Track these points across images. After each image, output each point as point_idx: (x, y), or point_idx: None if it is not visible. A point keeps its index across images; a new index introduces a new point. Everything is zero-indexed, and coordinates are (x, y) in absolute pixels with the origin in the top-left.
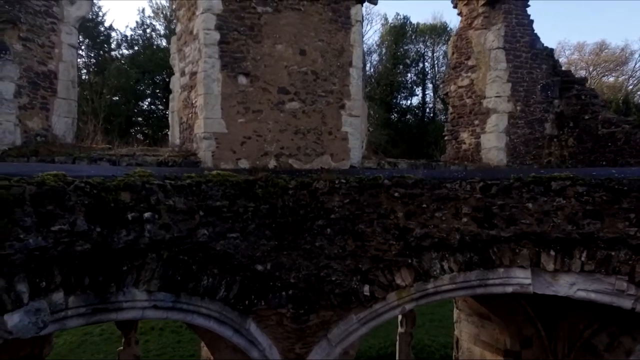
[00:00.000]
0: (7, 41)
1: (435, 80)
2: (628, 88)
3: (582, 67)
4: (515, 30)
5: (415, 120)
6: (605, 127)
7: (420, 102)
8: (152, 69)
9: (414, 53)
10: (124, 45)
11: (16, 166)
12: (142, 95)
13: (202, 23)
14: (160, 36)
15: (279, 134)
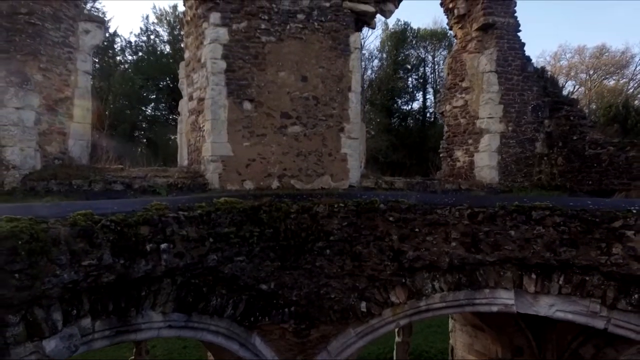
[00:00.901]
0: (29, 72)
1: (436, 84)
2: (629, 91)
3: (583, 70)
4: (507, 54)
5: (416, 125)
6: (592, 148)
7: (421, 107)
8: (156, 75)
9: (415, 58)
10: (128, 51)
11: (49, 207)
12: (146, 100)
13: (209, 52)
14: (164, 42)
15: (282, 156)
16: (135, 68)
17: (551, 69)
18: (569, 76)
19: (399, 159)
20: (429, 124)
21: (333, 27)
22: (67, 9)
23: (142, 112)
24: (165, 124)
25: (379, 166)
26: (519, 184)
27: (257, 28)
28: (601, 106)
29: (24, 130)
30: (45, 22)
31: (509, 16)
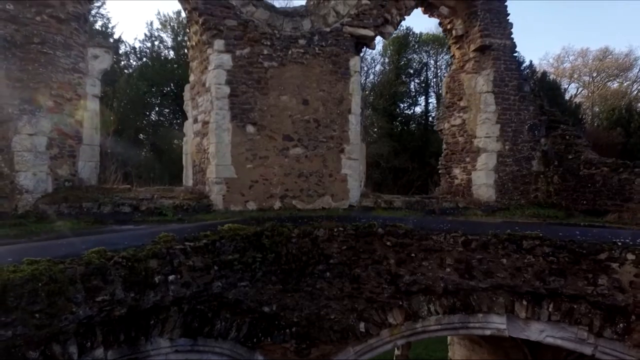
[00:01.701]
0: (41, 99)
1: (438, 89)
2: (632, 94)
3: (586, 73)
4: (504, 75)
5: (418, 129)
6: (586, 168)
7: (423, 111)
8: (161, 81)
9: (417, 63)
10: (132, 57)
11: (64, 245)
12: (150, 105)
13: (214, 78)
14: (168, 48)
15: (284, 177)
16: (140, 74)
17: (554, 71)
18: (572, 78)
19: (401, 163)
20: (431, 127)
21: (333, 52)
22: (77, 37)
23: (147, 118)
24: (169, 129)
25: (381, 171)
26: (516, 202)
27: (259, 54)
28: (604, 109)
29: (37, 155)
30: (56, 50)
31: (505, 38)
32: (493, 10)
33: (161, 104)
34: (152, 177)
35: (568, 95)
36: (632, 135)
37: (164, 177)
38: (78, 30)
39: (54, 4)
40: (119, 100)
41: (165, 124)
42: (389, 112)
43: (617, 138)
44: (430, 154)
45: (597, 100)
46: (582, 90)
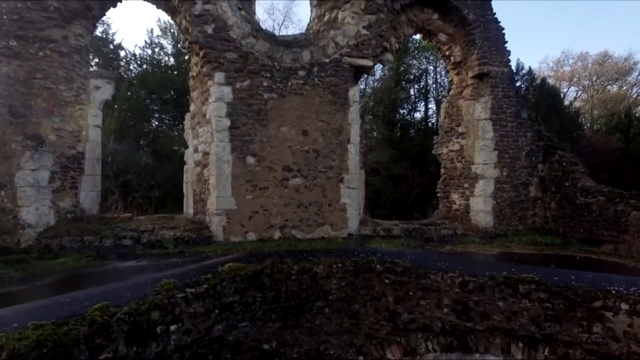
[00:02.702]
0: (43, 133)
1: (438, 95)
2: (631, 98)
3: (585, 77)
4: (502, 102)
5: (418, 135)
6: (583, 196)
7: (422, 117)
8: (161, 89)
9: (416, 69)
10: (133, 64)
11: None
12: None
13: (214, 110)
14: (168, 55)
15: (283, 207)
16: (140, 81)
17: (554, 74)
18: (571, 82)
19: (401, 171)
20: (431, 133)
21: (333, 82)
22: (79, 69)
23: (147, 125)
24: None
25: (381, 178)
26: (514, 228)
27: (259, 86)
28: (604, 114)
29: (39, 190)
30: (59, 84)
31: (503, 65)
32: (491, 38)
33: (161, 110)
34: (152, 184)
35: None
36: (631, 141)
37: (164, 184)
38: (80, 63)
39: (56, 38)
40: (119, 107)
41: (166, 131)
42: (389, 119)
43: (616, 143)
44: (429, 161)
45: (596, 104)
46: (581, 94)
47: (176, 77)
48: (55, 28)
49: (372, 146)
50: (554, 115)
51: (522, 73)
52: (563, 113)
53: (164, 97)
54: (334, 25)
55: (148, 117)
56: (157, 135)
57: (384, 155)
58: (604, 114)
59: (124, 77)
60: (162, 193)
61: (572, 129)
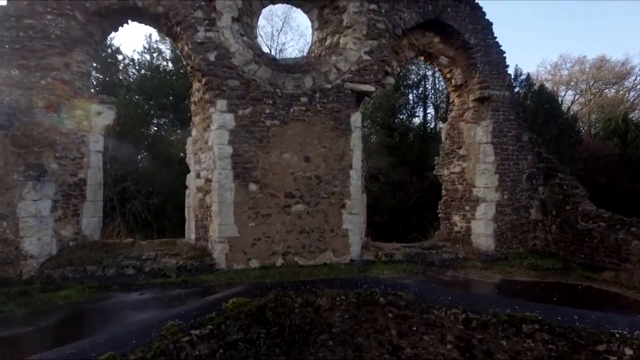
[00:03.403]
0: (45, 162)
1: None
2: (628, 102)
3: (583, 80)
4: (503, 126)
5: (417, 140)
6: (584, 221)
7: (421, 122)
8: (160, 95)
9: (415, 75)
10: (131, 69)
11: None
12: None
13: (216, 138)
14: (167, 60)
15: (286, 234)
16: (139, 87)
17: (551, 78)
18: (569, 85)
19: (400, 178)
20: (430, 138)
21: (335, 108)
22: (80, 96)
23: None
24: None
25: (380, 184)
26: (515, 250)
27: (262, 112)
28: (601, 118)
29: (41, 220)
30: (60, 112)
31: (504, 89)
32: (492, 62)
33: (160, 115)
34: (151, 190)
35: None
36: (628, 146)
37: (163, 190)
38: (82, 89)
39: (58, 66)
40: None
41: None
42: (388, 125)
43: (614, 149)
44: (429, 167)
45: (594, 109)
46: (579, 98)
47: (175, 83)
48: (57, 56)
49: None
50: (552, 121)
51: (520, 79)
52: (561, 119)
53: (163, 102)
54: (336, 50)
55: (147, 123)
56: (156, 141)
57: (383, 162)
58: (601, 118)
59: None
60: (161, 200)
61: (570, 134)
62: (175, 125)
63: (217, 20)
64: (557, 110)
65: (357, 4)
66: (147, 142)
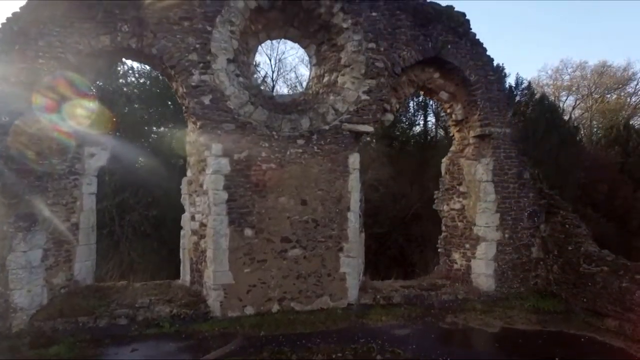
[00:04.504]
0: (36, 211)
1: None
2: (632, 104)
3: (585, 86)
4: (504, 164)
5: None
6: (586, 263)
7: (422, 130)
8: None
9: None
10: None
11: None
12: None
13: (211, 183)
14: None
15: (282, 279)
16: (138, 97)
17: (552, 84)
18: (570, 91)
19: (400, 189)
20: (431, 147)
21: (332, 150)
22: (74, 137)
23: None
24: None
25: (380, 195)
26: (516, 290)
27: (257, 156)
28: (603, 125)
29: (31, 271)
30: (52, 158)
31: (505, 126)
32: (492, 99)
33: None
34: (150, 201)
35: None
36: (630, 155)
37: (162, 201)
38: (75, 131)
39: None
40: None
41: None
42: (388, 134)
43: (616, 157)
44: (429, 177)
45: (595, 115)
46: (580, 103)
47: (175, 92)
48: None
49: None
50: (554, 131)
51: (521, 87)
52: (562, 129)
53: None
54: (334, 89)
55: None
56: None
57: (382, 172)
58: (603, 125)
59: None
60: (160, 212)
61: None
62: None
63: (212, 62)
64: (559, 119)
65: (355, 43)
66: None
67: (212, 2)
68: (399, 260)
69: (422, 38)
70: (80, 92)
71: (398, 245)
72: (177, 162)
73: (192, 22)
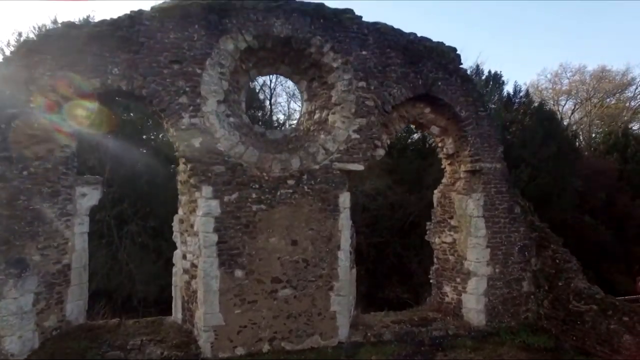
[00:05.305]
0: (27, 255)
1: None
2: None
3: (584, 90)
4: (494, 199)
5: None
6: (576, 300)
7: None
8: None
9: None
10: None
11: None
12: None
13: (202, 225)
14: None
15: (272, 319)
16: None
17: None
18: (570, 95)
19: (398, 198)
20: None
21: (322, 189)
22: (64, 180)
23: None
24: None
25: (378, 205)
26: (506, 324)
27: (248, 197)
28: (601, 131)
29: (23, 317)
30: (44, 202)
31: (495, 161)
32: (483, 135)
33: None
34: (148, 210)
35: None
36: (629, 161)
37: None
38: (66, 174)
39: (41, 155)
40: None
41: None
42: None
43: (614, 164)
44: (427, 185)
45: (594, 120)
46: (578, 107)
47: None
48: (40, 144)
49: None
50: (551, 140)
51: (519, 96)
52: (560, 137)
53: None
54: (324, 128)
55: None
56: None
57: (380, 182)
58: (601, 131)
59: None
60: (159, 223)
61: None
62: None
63: (202, 105)
64: (557, 128)
65: (345, 82)
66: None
67: (201, 45)
68: (397, 268)
69: (412, 75)
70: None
71: (396, 254)
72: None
73: (182, 65)
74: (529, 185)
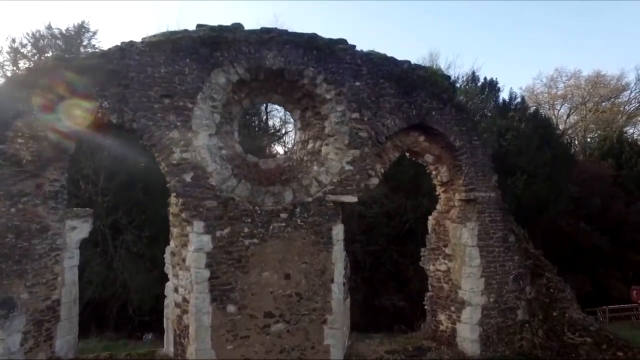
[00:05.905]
0: (15, 294)
1: None
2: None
3: (579, 95)
4: (489, 228)
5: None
6: (570, 331)
7: None
8: None
9: None
10: None
11: None
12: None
13: (193, 261)
14: None
15: (265, 354)
16: None
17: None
18: (565, 99)
19: (394, 206)
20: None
21: (316, 222)
22: (54, 214)
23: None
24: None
25: (374, 213)
26: (501, 353)
27: (240, 232)
28: (596, 136)
29: (10, 357)
30: (32, 239)
31: (490, 190)
32: (477, 164)
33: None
34: (143, 219)
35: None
36: (623, 167)
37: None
38: (55, 208)
39: (29, 191)
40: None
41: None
42: None
43: (609, 170)
44: (424, 193)
45: (589, 125)
46: (574, 112)
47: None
48: (28, 179)
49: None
50: (547, 147)
51: (515, 102)
52: (556, 143)
53: None
54: (318, 159)
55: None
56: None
57: (377, 190)
58: (596, 135)
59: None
60: (154, 233)
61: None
62: None
63: (194, 139)
64: (552, 134)
65: (338, 114)
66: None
67: (192, 79)
68: (394, 275)
69: (406, 106)
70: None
71: (393, 261)
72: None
73: (172, 100)
74: (525, 192)
